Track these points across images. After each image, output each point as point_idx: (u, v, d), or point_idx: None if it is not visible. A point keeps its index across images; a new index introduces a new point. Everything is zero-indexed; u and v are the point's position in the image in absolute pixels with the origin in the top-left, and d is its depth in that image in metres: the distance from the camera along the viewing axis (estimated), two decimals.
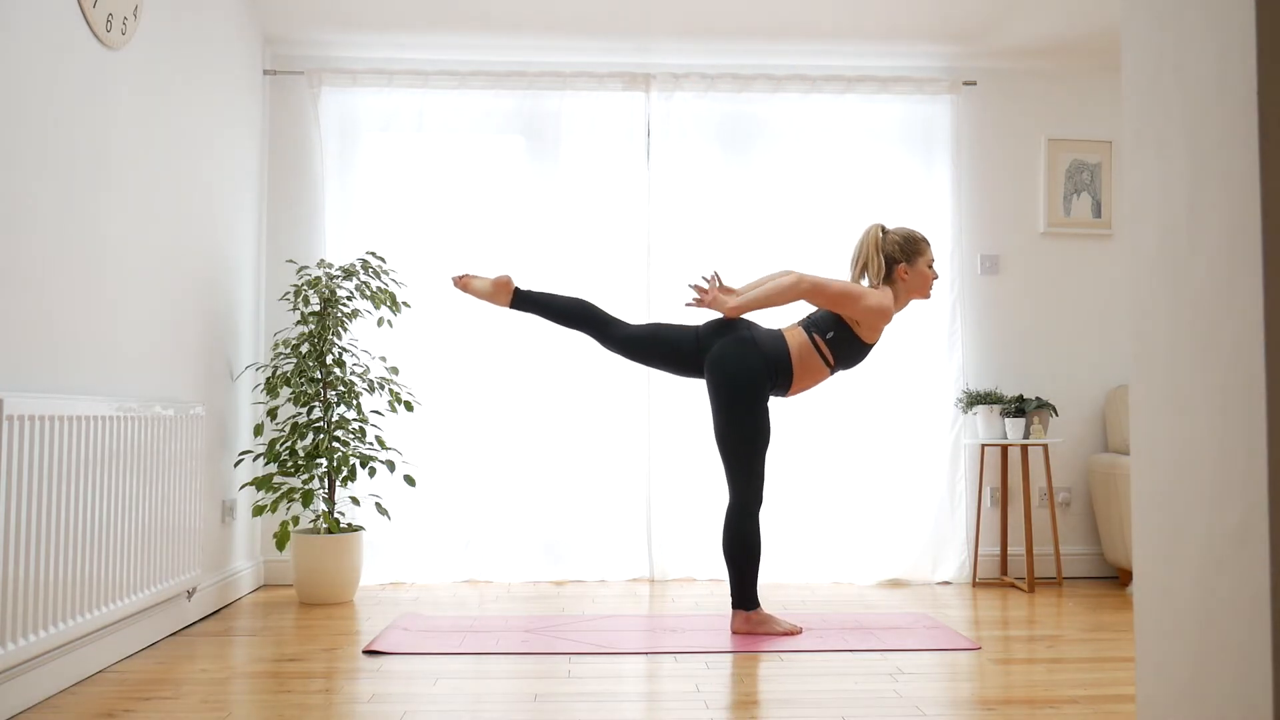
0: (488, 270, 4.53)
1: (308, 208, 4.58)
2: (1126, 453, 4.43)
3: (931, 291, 3.59)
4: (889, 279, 3.51)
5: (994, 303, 4.72)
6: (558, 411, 4.54)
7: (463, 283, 3.67)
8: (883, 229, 3.54)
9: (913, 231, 3.54)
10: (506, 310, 3.71)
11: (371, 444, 4.19)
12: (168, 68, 3.48)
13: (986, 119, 4.75)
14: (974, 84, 4.71)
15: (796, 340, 3.49)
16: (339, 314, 4.10)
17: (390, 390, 4.14)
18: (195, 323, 3.75)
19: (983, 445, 4.53)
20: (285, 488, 4.02)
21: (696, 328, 3.57)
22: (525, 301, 3.62)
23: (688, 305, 3.64)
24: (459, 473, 4.49)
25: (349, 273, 4.12)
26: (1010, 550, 4.62)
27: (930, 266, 3.52)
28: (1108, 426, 4.63)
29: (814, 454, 4.50)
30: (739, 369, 3.42)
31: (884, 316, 3.43)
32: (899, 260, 3.49)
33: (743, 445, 3.42)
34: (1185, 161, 1.43)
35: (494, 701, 2.63)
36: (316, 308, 4.13)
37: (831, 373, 3.53)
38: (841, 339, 3.46)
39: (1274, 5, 1.27)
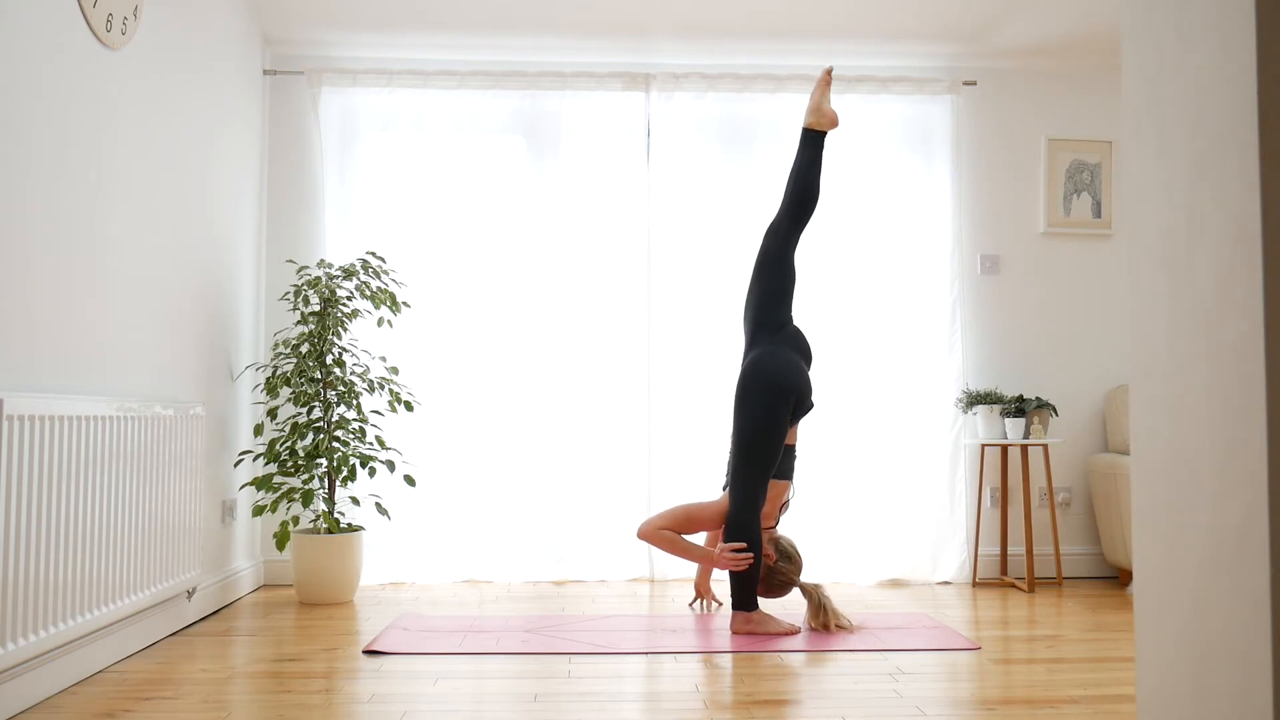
0: (503, 270, 4.55)
1: (308, 208, 4.58)
2: (1126, 453, 4.42)
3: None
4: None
5: (994, 303, 4.72)
6: (557, 412, 4.54)
7: None
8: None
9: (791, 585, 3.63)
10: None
11: (371, 444, 4.19)
12: (168, 68, 3.48)
13: (986, 119, 4.75)
14: (974, 84, 4.71)
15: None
16: (339, 314, 4.10)
17: (390, 390, 4.14)
18: (195, 323, 3.75)
19: (983, 445, 4.53)
20: (285, 488, 4.02)
21: (790, 322, 3.67)
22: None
23: None
24: (459, 473, 4.49)
25: (349, 273, 4.12)
26: (1010, 550, 4.62)
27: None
28: (1108, 426, 4.63)
29: (814, 454, 4.50)
30: (781, 375, 3.51)
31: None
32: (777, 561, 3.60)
33: (756, 448, 3.47)
34: (1185, 160, 1.43)
35: (494, 701, 2.63)
36: (316, 308, 4.13)
37: None
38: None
39: (1274, 3, 1.27)
